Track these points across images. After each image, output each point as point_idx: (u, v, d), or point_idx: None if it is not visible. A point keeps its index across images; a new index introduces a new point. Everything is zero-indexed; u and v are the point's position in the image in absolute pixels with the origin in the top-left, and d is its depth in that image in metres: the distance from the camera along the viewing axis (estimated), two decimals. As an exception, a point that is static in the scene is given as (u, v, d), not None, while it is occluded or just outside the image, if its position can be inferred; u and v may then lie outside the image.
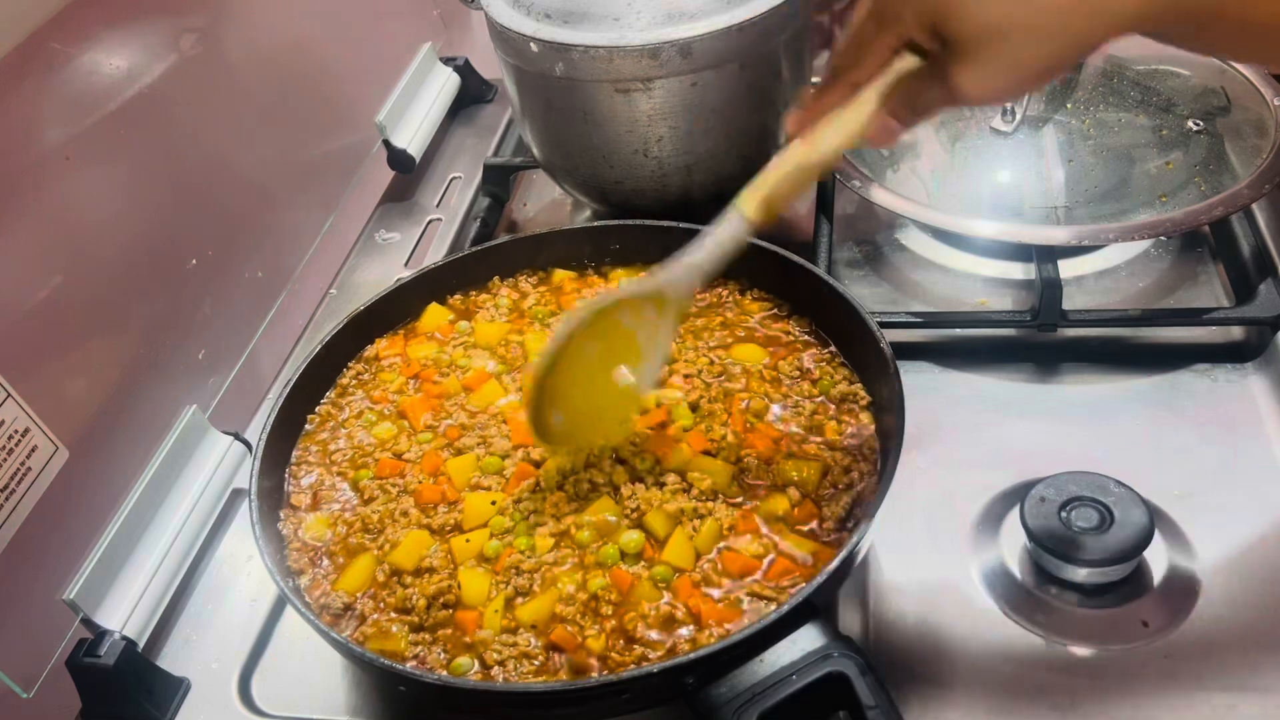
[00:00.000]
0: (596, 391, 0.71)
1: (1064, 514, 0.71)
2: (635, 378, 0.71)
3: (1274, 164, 0.89)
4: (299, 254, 1.09)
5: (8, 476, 0.71)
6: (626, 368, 0.71)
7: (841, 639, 0.59)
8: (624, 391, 0.71)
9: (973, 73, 0.54)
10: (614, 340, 0.70)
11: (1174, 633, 0.69)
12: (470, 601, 0.67)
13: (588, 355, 0.69)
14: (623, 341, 0.70)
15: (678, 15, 0.87)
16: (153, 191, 0.91)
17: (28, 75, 0.78)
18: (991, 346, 0.90)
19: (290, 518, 0.74)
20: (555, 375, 0.69)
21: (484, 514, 0.71)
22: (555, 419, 0.70)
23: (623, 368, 0.71)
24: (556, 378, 0.69)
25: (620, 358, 0.71)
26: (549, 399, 0.70)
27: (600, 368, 0.71)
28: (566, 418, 0.71)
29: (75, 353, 0.82)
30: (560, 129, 0.96)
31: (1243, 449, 0.80)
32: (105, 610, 0.73)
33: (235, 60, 1.03)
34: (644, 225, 0.90)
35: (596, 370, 0.71)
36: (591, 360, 0.70)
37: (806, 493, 0.71)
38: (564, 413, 0.70)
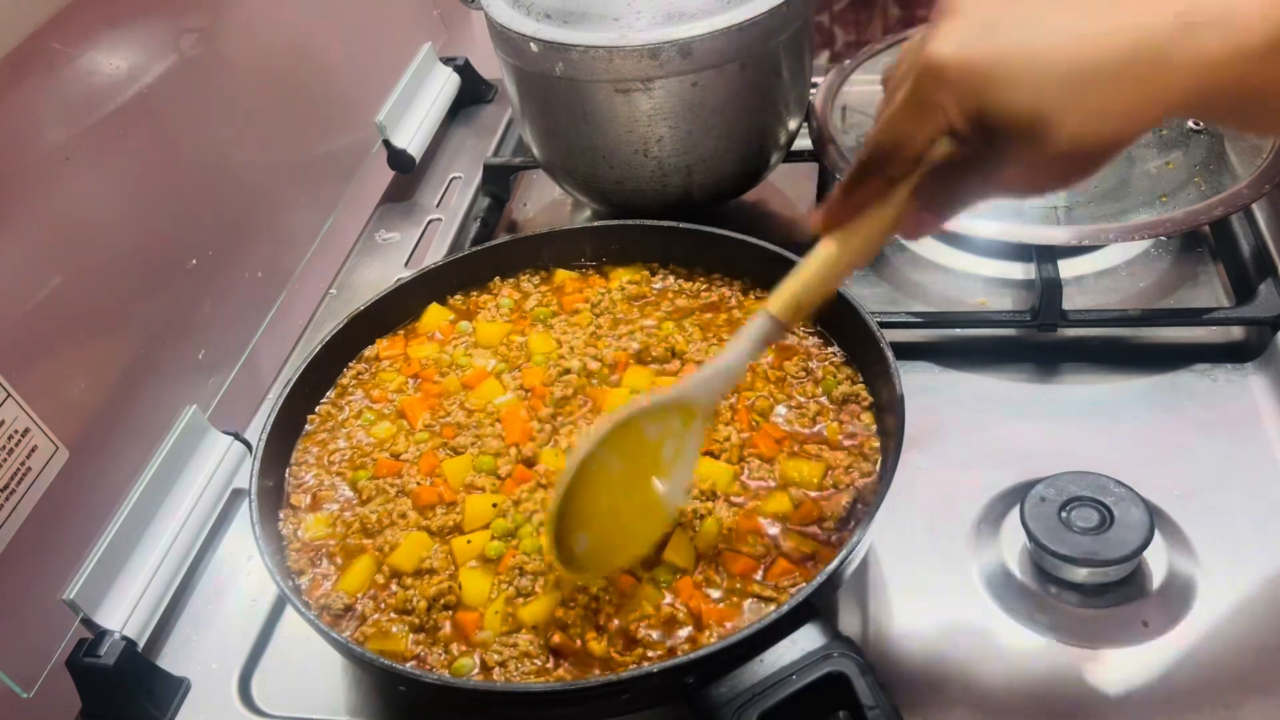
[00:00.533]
0: (622, 510, 0.67)
1: (1064, 514, 0.71)
2: (664, 492, 0.67)
3: (1274, 164, 0.89)
4: (299, 254, 1.09)
5: (8, 476, 0.71)
6: (655, 481, 0.67)
7: (841, 639, 0.59)
8: (652, 508, 0.67)
9: (1020, 163, 0.50)
10: (638, 454, 0.66)
11: (1174, 633, 0.69)
12: (471, 602, 0.67)
13: (611, 472, 0.65)
14: (648, 455, 0.66)
15: (678, 15, 0.87)
16: (153, 191, 0.91)
17: (28, 75, 0.78)
18: (991, 346, 0.90)
19: (290, 518, 0.74)
20: (577, 496, 0.64)
21: (485, 515, 0.71)
22: (580, 543, 0.65)
23: (653, 481, 0.67)
24: (579, 499, 0.64)
25: (646, 472, 0.66)
26: (572, 522, 0.64)
27: (625, 485, 0.66)
28: (591, 540, 0.65)
29: (75, 353, 0.82)
30: (560, 129, 0.96)
31: (1243, 449, 0.80)
32: (105, 610, 0.73)
33: (235, 60, 1.03)
34: (644, 225, 0.90)
35: (621, 488, 0.66)
36: (615, 477, 0.65)
37: (808, 492, 0.71)
38: (589, 535, 0.65)
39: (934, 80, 0.50)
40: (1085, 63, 0.47)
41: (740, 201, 1.07)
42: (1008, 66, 0.48)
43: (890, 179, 0.56)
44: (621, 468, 0.65)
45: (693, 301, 0.87)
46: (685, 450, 0.66)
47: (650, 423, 0.65)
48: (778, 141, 1.01)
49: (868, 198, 0.57)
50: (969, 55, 0.49)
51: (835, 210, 0.59)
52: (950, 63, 0.49)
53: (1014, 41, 0.48)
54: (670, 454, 0.66)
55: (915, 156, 0.54)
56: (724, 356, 0.64)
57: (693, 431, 0.66)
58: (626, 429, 0.64)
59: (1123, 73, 0.47)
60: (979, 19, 0.49)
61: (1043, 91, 0.48)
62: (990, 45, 0.49)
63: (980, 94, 0.49)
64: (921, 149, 0.54)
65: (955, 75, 0.49)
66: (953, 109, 0.50)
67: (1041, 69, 0.47)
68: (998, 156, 0.51)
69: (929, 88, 0.51)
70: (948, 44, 0.50)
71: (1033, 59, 0.48)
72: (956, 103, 0.50)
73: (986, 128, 0.50)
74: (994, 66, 0.48)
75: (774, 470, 0.73)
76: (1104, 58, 0.47)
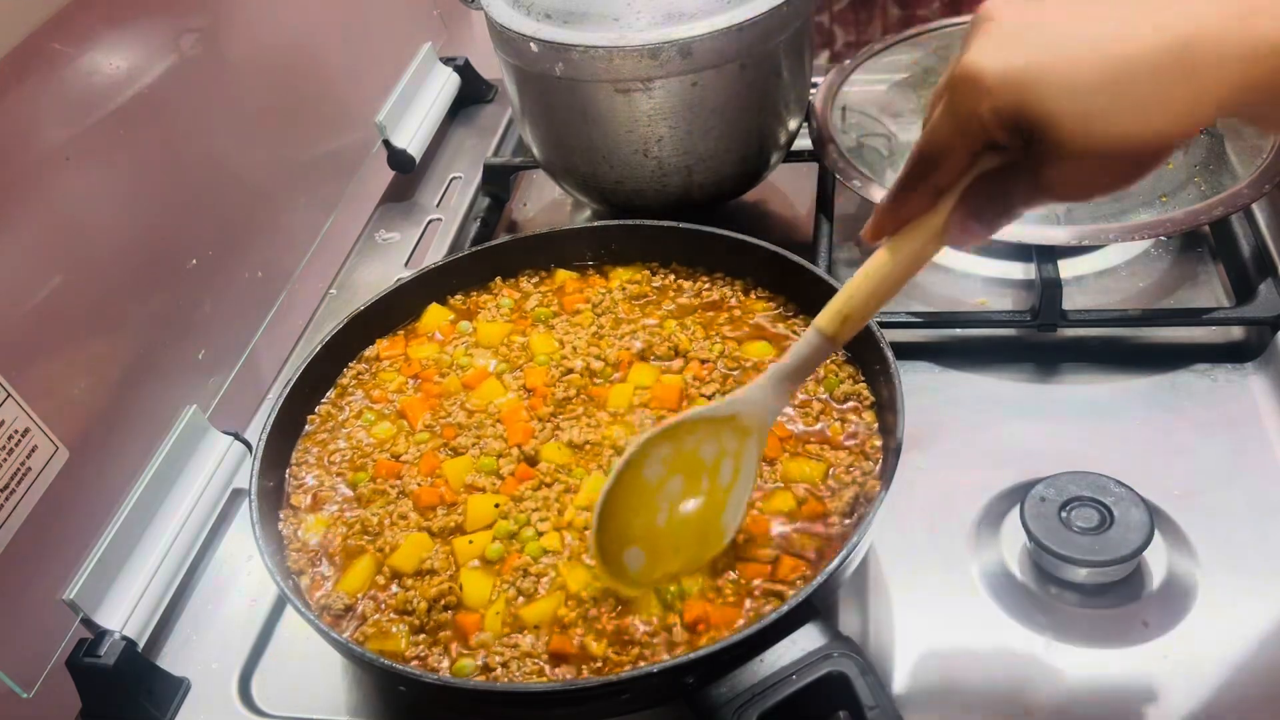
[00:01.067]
0: (673, 524, 0.65)
1: (1064, 514, 0.71)
2: (720, 514, 0.66)
3: (1274, 164, 0.89)
4: (299, 254, 1.09)
5: (8, 476, 0.71)
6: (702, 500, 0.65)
7: (841, 639, 0.59)
8: (707, 526, 0.66)
9: (1065, 168, 0.49)
10: (691, 470, 0.65)
11: (1174, 633, 0.69)
12: (471, 603, 0.67)
13: (658, 483, 0.64)
14: (702, 472, 0.65)
15: (678, 15, 0.87)
16: (153, 191, 0.91)
17: (28, 75, 0.78)
18: (991, 346, 0.90)
19: (290, 518, 0.74)
20: (622, 505, 0.63)
21: (487, 516, 0.71)
22: (629, 555, 0.64)
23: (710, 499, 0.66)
24: (624, 508, 0.63)
25: (700, 490, 0.65)
26: (617, 531, 0.64)
27: (675, 499, 0.65)
28: (639, 552, 0.64)
29: (75, 353, 0.82)
30: (560, 129, 0.96)
31: (1243, 449, 0.80)
32: (105, 610, 0.73)
33: (235, 60, 1.03)
34: (644, 225, 0.90)
35: (671, 501, 0.65)
36: (663, 489, 0.64)
37: (810, 491, 0.71)
38: (637, 545, 0.64)
39: (971, 90, 0.49)
40: (1131, 59, 0.46)
41: (740, 201, 1.07)
42: (1045, 70, 0.47)
43: (936, 190, 0.55)
44: (670, 480, 0.64)
45: (693, 300, 0.87)
46: (743, 470, 0.66)
47: (701, 438, 0.64)
48: (778, 141, 1.01)
49: (915, 209, 0.56)
50: (1005, 62, 0.48)
51: (883, 221, 0.57)
52: (986, 71, 0.48)
53: (1052, 44, 0.47)
54: (728, 475, 0.65)
55: (959, 166, 0.53)
56: (772, 375, 0.63)
57: (748, 450, 0.65)
58: (671, 439, 0.64)
59: (1172, 67, 0.46)
60: (1015, 24, 0.49)
61: (1083, 93, 0.46)
62: (1027, 50, 0.48)
63: (1018, 101, 0.48)
64: (964, 160, 0.53)
65: (992, 84, 0.48)
66: (991, 118, 0.49)
67: (1083, 69, 0.46)
68: (1042, 163, 0.49)
69: (966, 98, 0.50)
70: (983, 52, 0.49)
71: (1073, 60, 0.47)
72: (995, 112, 0.49)
73: (1027, 135, 0.49)
74: (1031, 71, 0.47)
75: (776, 471, 0.73)
76: (1152, 53, 0.46)
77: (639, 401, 0.78)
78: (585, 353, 0.82)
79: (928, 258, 0.58)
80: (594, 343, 0.83)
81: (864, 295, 0.59)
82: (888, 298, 0.59)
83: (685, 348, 0.82)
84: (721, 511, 0.66)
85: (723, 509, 0.66)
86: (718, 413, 0.65)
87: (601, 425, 0.77)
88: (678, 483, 0.65)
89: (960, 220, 0.55)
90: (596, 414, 0.78)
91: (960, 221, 0.55)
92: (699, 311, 0.86)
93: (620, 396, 0.78)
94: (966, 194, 0.54)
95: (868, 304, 0.59)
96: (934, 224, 0.56)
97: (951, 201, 0.55)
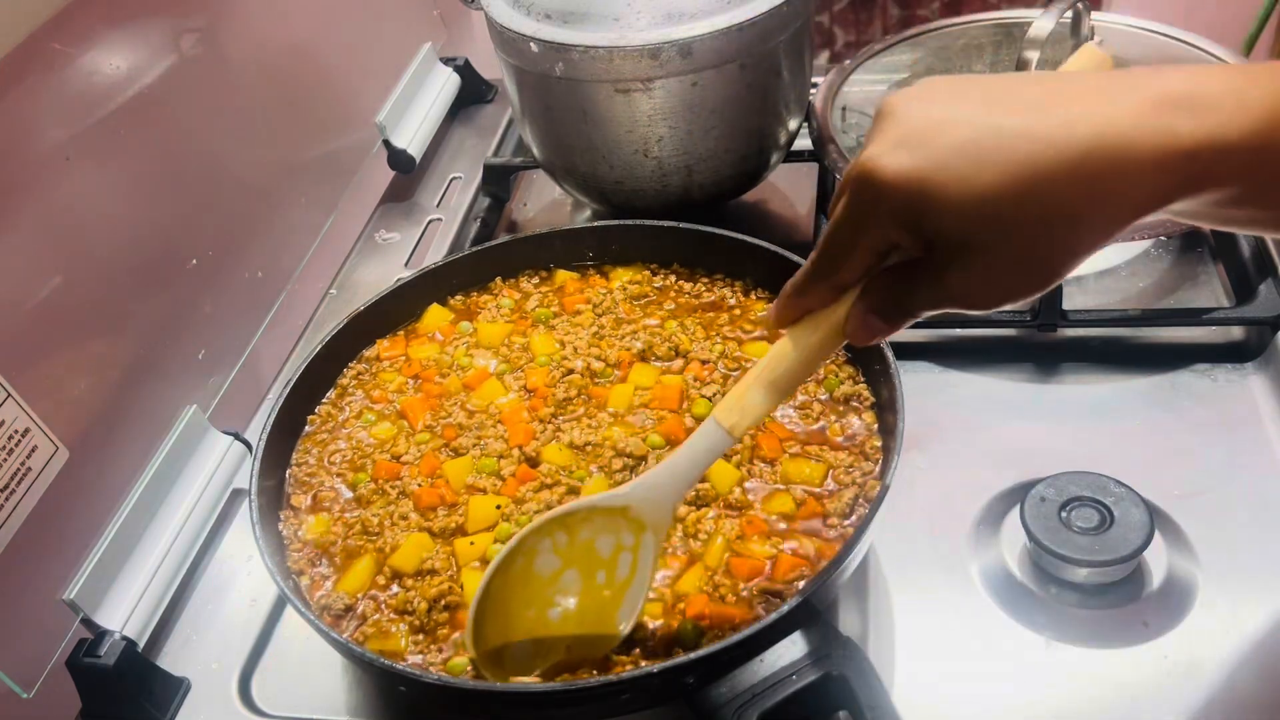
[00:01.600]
0: (564, 619, 0.63)
1: (1064, 514, 0.71)
2: (615, 609, 0.63)
3: (1274, 164, 0.89)
4: (299, 254, 1.09)
5: (8, 476, 0.71)
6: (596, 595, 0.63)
7: (841, 639, 0.59)
8: (600, 624, 0.63)
9: (973, 277, 0.46)
10: (586, 563, 0.63)
11: (1174, 633, 0.69)
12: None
13: (548, 573, 0.62)
14: (599, 567, 0.63)
15: (678, 15, 0.87)
16: (153, 191, 0.91)
17: (28, 75, 0.78)
18: (991, 346, 0.90)
19: (290, 518, 0.74)
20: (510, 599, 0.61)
21: (489, 517, 0.71)
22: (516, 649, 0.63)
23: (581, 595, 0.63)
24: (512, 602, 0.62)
25: (594, 586, 0.63)
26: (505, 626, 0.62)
27: (566, 591, 0.63)
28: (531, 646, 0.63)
29: (75, 353, 0.82)
30: (560, 129, 0.96)
31: (1243, 449, 0.80)
32: (105, 610, 0.73)
33: (235, 60, 1.03)
34: (645, 225, 0.90)
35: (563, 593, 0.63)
36: (555, 583, 0.62)
37: (810, 492, 0.71)
38: (528, 640, 0.63)
39: (868, 190, 0.46)
40: (1036, 162, 0.43)
41: (740, 201, 1.07)
42: (945, 171, 0.44)
43: (839, 285, 0.53)
44: (564, 572, 0.62)
45: (694, 301, 0.87)
46: (640, 566, 0.63)
47: (596, 529, 0.62)
48: (778, 141, 1.01)
49: (816, 302, 0.54)
50: (903, 162, 0.45)
51: (785, 309, 0.55)
52: (884, 171, 0.45)
53: (954, 143, 0.44)
54: (625, 570, 0.63)
55: (861, 265, 0.51)
56: (668, 466, 0.61)
57: (644, 546, 0.62)
58: (564, 528, 0.62)
59: (1081, 170, 0.42)
60: (917, 120, 0.46)
61: (986, 198, 0.43)
62: (927, 150, 0.45)
63: (918, 207, 0.45)
64: (865, 258, 0.50)
65: (890, 185, 0.45)
66: (889, 221, 0.47)
67: (986, 172, 0.43)
68: (944, 269, 0.47)
69: (864, 199, 0.47)
70: (881, 150, 0.46)
71: (975, 161, 0.43)
72: (892, 214, 0.46)
73: (928, 239, 0.46)
74: (930, 173, 0.44)
75: (775, 471, 0.73)
76: (1059, 155, 0.42)
77: (639, 402, 0.78)
78: (586, 353, 0.82)
79: (830, 350, 0.55)
80: (594, 343, 0.83)
81: (761, 387, 0.56)
82: (788, 390, 0.57)
83: (686, 348, 0.82)
84: (617, 607, 0.63)
85: (618, 604, 0.63)
86: (611, 502, 0.62)
87: (602, 426, 0.77)
88: (571, 576, 0.63)
89: (860, 315, 0.52)
90: (597, 414, 0.78)
91: (860, 317, 0.52)
92: (699, 312, 0.86)
93: (621, 397, 0.78)
94: (868, 289, 0.52)
95: (765, 397, 0.57)
96: (836, 317, 0.54)
97: (853, 296, 0.53)
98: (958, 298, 0.48)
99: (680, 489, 0.61)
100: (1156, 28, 1.03)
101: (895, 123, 0.46)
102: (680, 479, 0.61)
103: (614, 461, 0.73)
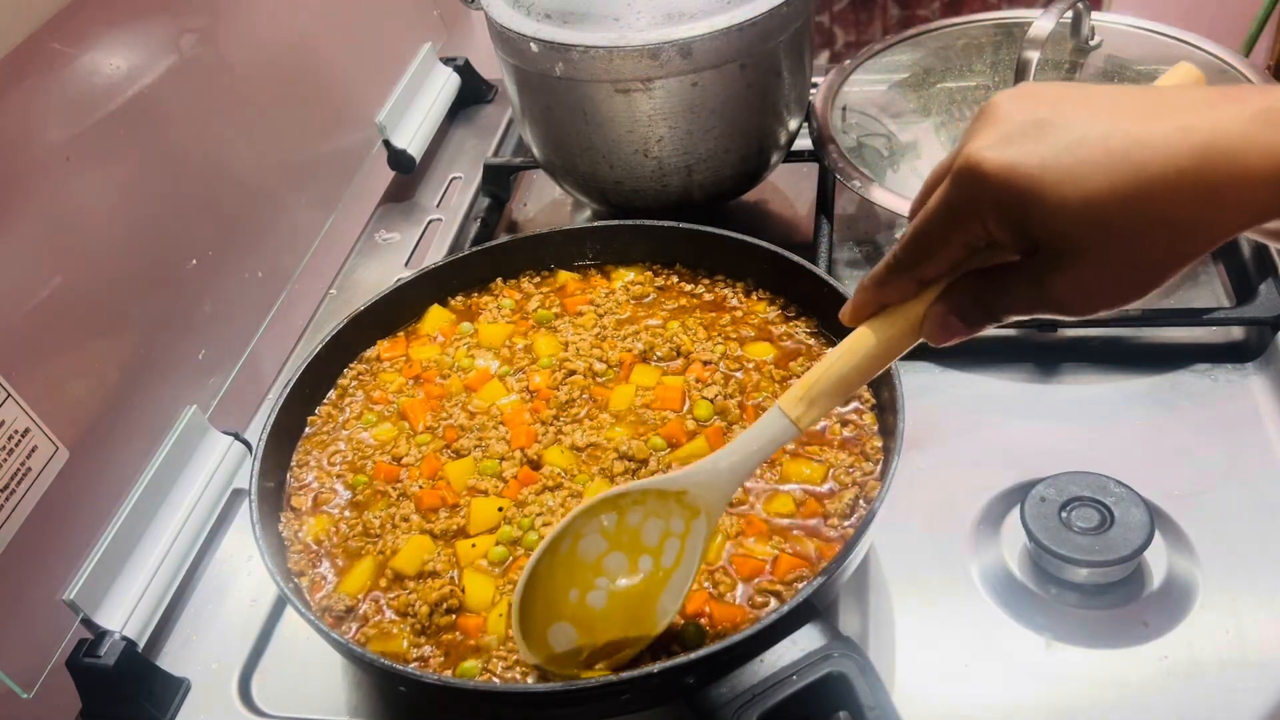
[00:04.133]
0: (606, 605, 0.62)
1: (1064, 514, 0.71)
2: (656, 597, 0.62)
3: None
4: (299, 254, 1.09)
5: (8, 476, 0.71)
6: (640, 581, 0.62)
7: (841, 639, 0.59)
8: (641, 612, 0.62)
9: (1074, 280, 0.45)
10: (630, 545, 0.62)
11: (1174, 633, 0.69)
12: (474, 606, 0.67)
13: (597, 559, 0.61)
14: (642, 553, 0.62)
15: (678, 15, 0.87)
16: (153, 191, 0.91)
17: (28, 75, 0.78)
18: (991, 347, 0.90)
19: (291, 519, 0.74)
20: (551, 579, 0.60)
21: (491, 520, 0.71)
22: (559, 633, 0.62)
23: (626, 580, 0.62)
24: (552, 583, 0.61)
25: (638, 570, 0.62)
26: (543, 608, 0.61)
27: (611, 575, 0.62)
28: (566, 631, 0.62)
29: (75, 353, 0.82)
30: (560, 129, 0.96)
31: (1243, 449, 0.80)
32: (105, 610, 0.73)
33: (235, 60, 1.03)
34: (645, 225, 0.90)
35: (607, 577, 0.62)
36: (599, 566, 0.61)
37: (810, 492, 0.71)
38: (564, 623, 0.62)
39: (972, 184, 0.45)
40: (1146, 167, 0.42)
41: (740, 201, 1.07)
42: (1057, 175, 0.43)
43: (922, 279, 0.52)
44: (609, 556, 0.62)
45: (695, 301, 0.87)
46: (687, 554, 0.62)
47: (647, 513, 0.61)
48: (778, 141, 1.01)
49: (896, 295, 0.53)
50: (1011, 158, 0.44)
51: (862, 302, 0.54)
52: (990, 165, 0.45)
53: (1063, 143, 0.44)
54: (671, 558, 0.62)
55: (951, 259, 0.50)
56: (728, 452, 0.60)
57: (694, 532, 0.61)
58: (615, 509, 0.61)
59: (1190, 178, 0.42)
60: (1025, 120, 0.45)
61: (1095, 201, 0.43)
62: (1036, 148, 0.44)
63: (1024, 203, 0.44)
64: (958, 253, 0.49)
65: (996, 181, 0.44)
66: (992, 216, 0.46)
67: (1095, 175, 0.43)
68: (1046, 271, 0.46)
69: (967, 192, 0.46)
70: (988, 144, 0.45)
71: (1084, 162, 0.43)
72: (996, 209, 0.45)
73: (1031, 238, 0.45)
74: (1039, 170, 0.44)
75: (776, 472, 0.73)
76: (1169, 161, 0.42)
77: (641, 403, 0.78)
78: (589, 354, 0.82)
79: (903, 349, 0.54)
80: (597, 344, 0.83)
81: (830, 380, 0.56)
82: (857, 385, 0.56)
83: (688, 349, 0.82)
84: (659, 594, 0.62)
85: (661, 591, 0.62)
86: (668, 485, 0.61)
87: (604, 427, 0.77)
88: (616, 560, 0.62)
89: (940, 315, 0.51)
90: (599, 415, 0.78)
91: (940, 316, 0.51)
92: (700, 312, 0.86)
93: (622, 398, 0.78)
94: (953, 288, 0.51)
95: (834, 390, 0.56)
96: (914, 314, 0.53)
97: (934, 293, 0.52)
98: (1055, 302, 0.47)
99: (740, 476, 0.60)
100: (1156, 28, 1.03)
101: (1001, 119, 0.46)
102: (740, 467, 0.60)
103: (615, 464, 0.73)
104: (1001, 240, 0.47)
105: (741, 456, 0.60)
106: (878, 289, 0.53)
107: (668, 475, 0.62)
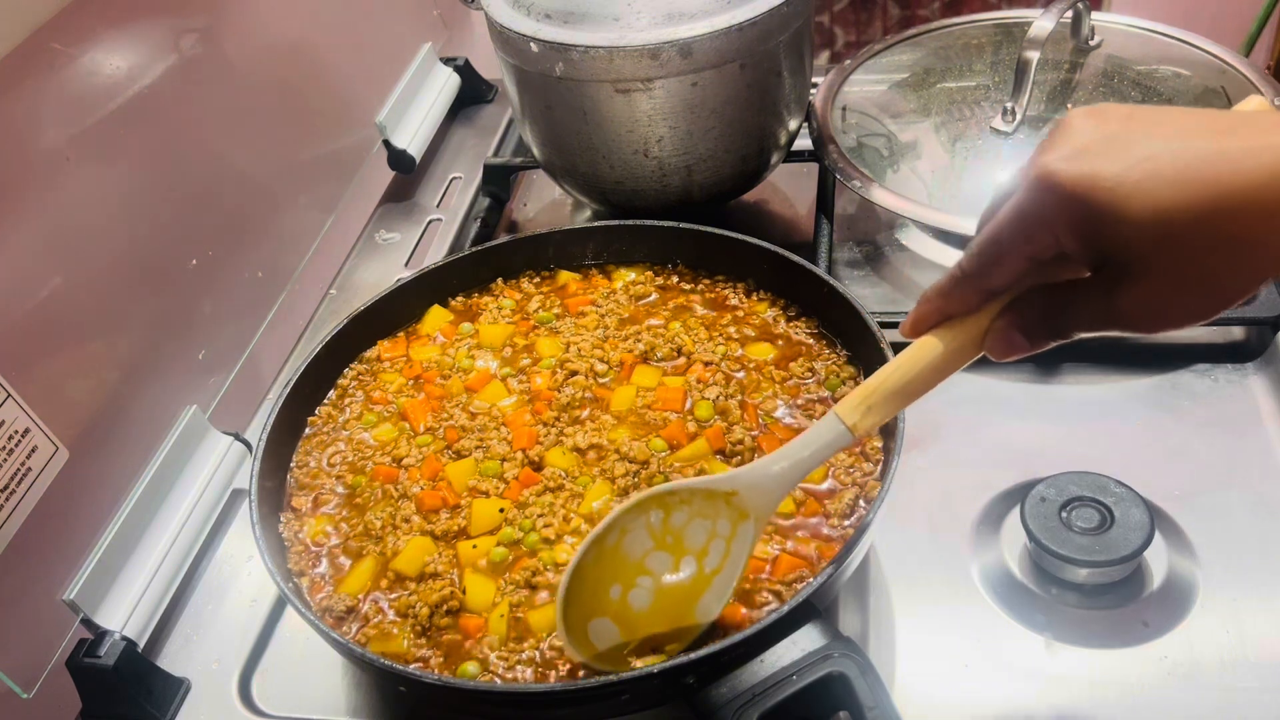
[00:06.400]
0: (649, 603, 0.62)
1: (1064, 514, 0.71)
2: (698, 597, 0.62)
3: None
4: (299, 254, 1.09)
5: (8, 476, 0.71)
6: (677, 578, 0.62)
7: (841, 639, 0.59)
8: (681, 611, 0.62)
9: (1143, 296, 0.45)
10: (675, 545, 0.62)
11: (1174, 633, 0.69)
12: (475, 607, 0.67)
13: (642, 555, 0.61)
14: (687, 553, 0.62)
15: (678, 15, 0.87)
16: (153, 191, 0.91)
17: (28, 75, 0.78)
18: (992, 346, 0.90)
19: (291, 520, 0.74)
20: (595, 575, 0.60)
21: (492, 521, 0.71)
22: (600, 628, 0.61)
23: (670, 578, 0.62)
24: (600, 580, 0.61)
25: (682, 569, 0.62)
26: (589, 604, 0.61)
27: (654, 572, 0.62)
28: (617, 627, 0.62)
29: (75, 353, 0.82)
30: (560, 129, 0.96)
31: (1243, 449, 0.80)
32: (105, 610, 0.73)
33: (235, 60, 1.03)
34: (646, 225, 0.90)
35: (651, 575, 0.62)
36: (643, 563, 0.61)
37: (810, 492, 0.71)
38: (614, 621, 0.61)
39: (1046, 194, 0.45)
40: (1223, 184, 0.42)
41: (740, 201, 1.07)
42: (1132, 189, 0.43)
43: (987, 292, 0.51)
44: (653, 554, 0.61)
45: (696, 301, 0.87)
46: (731, 557, 0.62)
47: (693, 513, 0.61)
48: (778, 141, 1.01)
49: (960, 307, 0.53)
50: (1086, 171, 0.44)
51: (924, 313, 0.54)
52: (1064, 177, 0.44)
53: (1137, 160, 0.43)
54: (716, 560, 0.62)
55: (1018, 271, 0.49)
56: (781, 456, 0.60)
57: (741, 536, 0.61)
58: (661, 507, 0.61)
59: (1267, 195, 0.41)
60: (1099, 135, 0.45)
61: (1170, 217, 0.42)
62: (1111, 163, 0.44)
63: (1096, 214, 0.44)
64: (1025, 265, 0.49)
65: (1070, 191, 0.44)
66: (1064, 228, 0.45)
67: (1171, 192, 0.42)
68: (1116, 286, 0.46)
69: (1039, 201, 0.46)
70: (1062, 157, 0.45)
71: (1161, 179, 0.42)
72: (1069, 221, 0.45)
73: (1103, 253, 0.45)
74: (1114, 185, 0.43)
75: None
76: (1246, 180, 0.41)
77: (642, 404, 0.78)
78: (590, 355, 0.82)
79: (964, 361, 0.54)
80: (599, 344, 0.83)
81: (890, 388, 0.56)
82: (917, 396, 0.56)
83: (689, 349, 0.82)
84: (701, 596, 0.62)
85: (702, 593, 0.62)
86: (719, 485, 0.61)
87: (606, 429, 0.76)
88: (660, 559, 0.62)
89: (1004, 330, 0.51)
90: (601, 417, 0.78)
91: (1004, 331, 0.51)
92: (701, 313, 0.86)
93: (623, 399, 0.78)
94: (1018, 302, 0.51)
95: (893, 398, 0.56)
96: (977, 327, 0.52)
97: (997, 307, 0.52)
98: (1123, 317, 0.47)
99: (791, 480, 0.60)
100: (1156, 28, 1.03)
101: (1076, 133, 0.46)
102: (791, 472, 0.60)
103: (617, 466, 0.73)
104: (1071, 251, 0.46)
105: (793, 462, 0.59)
106: (942, 299, 0.53)
107: (718, 475, 0.62)
